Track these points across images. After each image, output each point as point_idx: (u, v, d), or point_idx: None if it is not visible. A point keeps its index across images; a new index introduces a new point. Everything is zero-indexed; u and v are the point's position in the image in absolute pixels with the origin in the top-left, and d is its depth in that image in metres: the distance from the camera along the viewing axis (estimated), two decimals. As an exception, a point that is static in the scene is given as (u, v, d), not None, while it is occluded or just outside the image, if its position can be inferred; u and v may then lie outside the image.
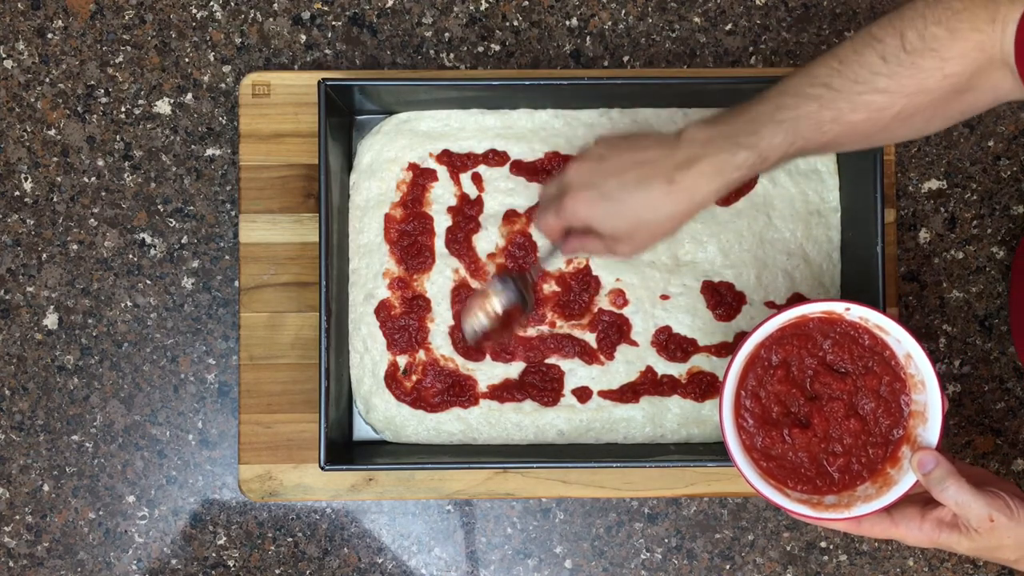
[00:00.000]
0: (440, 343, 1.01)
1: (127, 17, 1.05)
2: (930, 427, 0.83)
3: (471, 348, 0.99)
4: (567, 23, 1.06)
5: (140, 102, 1.05)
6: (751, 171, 0.83)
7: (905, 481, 0.82)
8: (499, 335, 0.94)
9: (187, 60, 1.05)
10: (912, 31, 0.79)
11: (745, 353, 0.85)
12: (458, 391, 1.00)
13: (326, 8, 1.06)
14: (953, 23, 0.78)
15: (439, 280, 1.01)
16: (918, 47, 0.79)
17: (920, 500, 0.82)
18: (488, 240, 1.01)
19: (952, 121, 0.85)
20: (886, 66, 0.80)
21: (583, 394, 1.00)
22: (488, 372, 1.00)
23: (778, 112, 0.82)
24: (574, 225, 0.88)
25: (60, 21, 1.05)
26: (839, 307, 0.85)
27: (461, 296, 1.00)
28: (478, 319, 0.93)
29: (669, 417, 1.00)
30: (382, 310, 1.00)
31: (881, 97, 0.80)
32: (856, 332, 0.86)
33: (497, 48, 1.06)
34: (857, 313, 0.85)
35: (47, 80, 1.05)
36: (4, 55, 1.05)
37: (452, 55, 1.06)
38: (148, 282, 1.05)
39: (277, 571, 1.05)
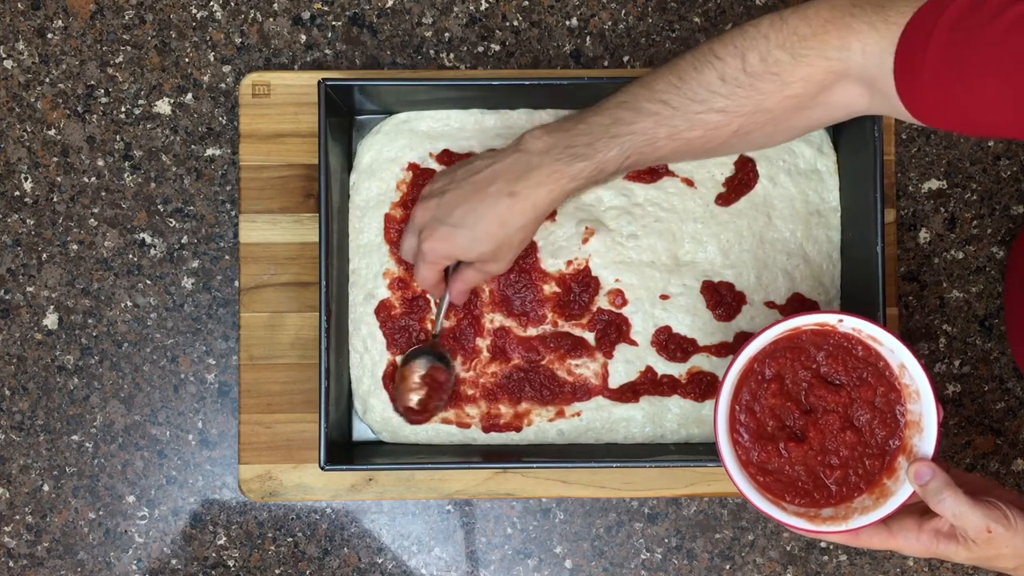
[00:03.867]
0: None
1: (127, 17, 1.05)
2: (926, 437, 0.82)
3: (416, 419, 1.00)
4: (567, 23, 1.06)
5: (140, 102, 1.05)
6: (588, 181, 0.84)
7: (902, 492, 0.81)
8: (436, 399, 0.98)
9: (187, 60, 1.05)
10: (754, 53, 0.77)
11: (738, 368, 0.84)
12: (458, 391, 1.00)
13: (326, 8, 1.06)
14: (798, 49, 0.76)
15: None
16: (759, 70, 0.77)
17: (917, 510, 0.82)
18: (488, 240, 1.01)
19: (798, 134, 0.84)
20: (725, 86, 0.79)
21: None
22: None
23: (614, 126, 0.82)
24: (440, 265, 0.90)
25: (60, 21, 1.05)
26: (832, 319, 0.84)
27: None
28: (410, 398, 0.97)
29: (669, 417, 1.00)
30: (382, 310, 1.00)
31: (718, 116, 0.80)
32: (849, 344, 0.85)
33: (497, 48, 1.06)
34: (850, 324, 0.84)
35: (47, 80, 1.05)
36: (4, 55, 1.05)
37: (452, 55, 1.06)
38: (148, 282, 1.05)
39: (277, 571, 1.05)
